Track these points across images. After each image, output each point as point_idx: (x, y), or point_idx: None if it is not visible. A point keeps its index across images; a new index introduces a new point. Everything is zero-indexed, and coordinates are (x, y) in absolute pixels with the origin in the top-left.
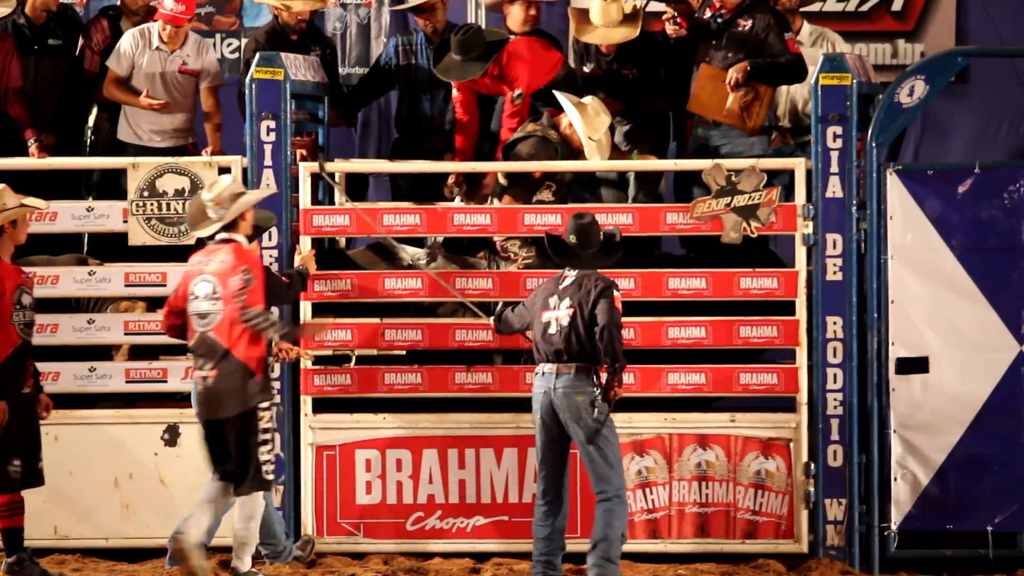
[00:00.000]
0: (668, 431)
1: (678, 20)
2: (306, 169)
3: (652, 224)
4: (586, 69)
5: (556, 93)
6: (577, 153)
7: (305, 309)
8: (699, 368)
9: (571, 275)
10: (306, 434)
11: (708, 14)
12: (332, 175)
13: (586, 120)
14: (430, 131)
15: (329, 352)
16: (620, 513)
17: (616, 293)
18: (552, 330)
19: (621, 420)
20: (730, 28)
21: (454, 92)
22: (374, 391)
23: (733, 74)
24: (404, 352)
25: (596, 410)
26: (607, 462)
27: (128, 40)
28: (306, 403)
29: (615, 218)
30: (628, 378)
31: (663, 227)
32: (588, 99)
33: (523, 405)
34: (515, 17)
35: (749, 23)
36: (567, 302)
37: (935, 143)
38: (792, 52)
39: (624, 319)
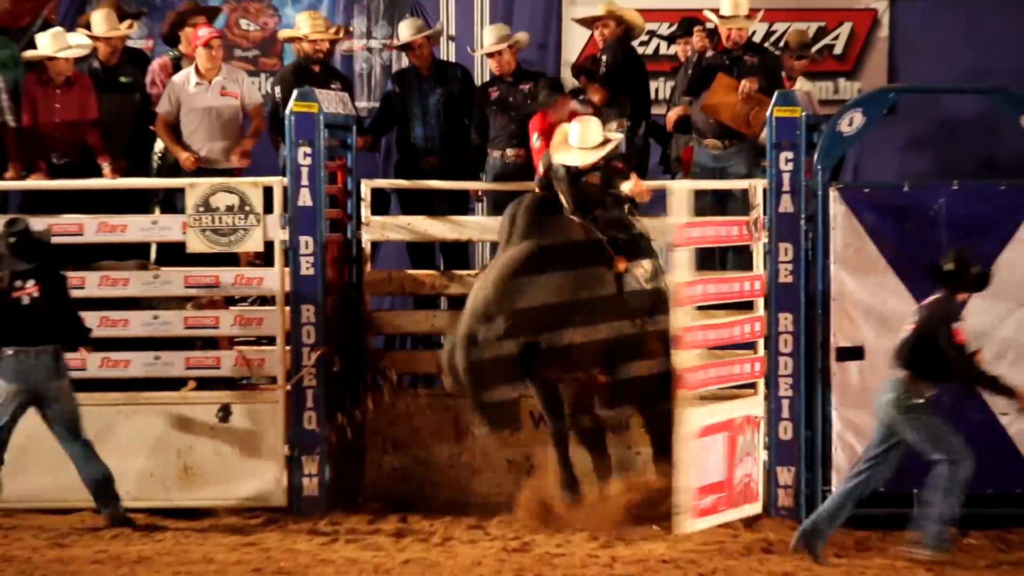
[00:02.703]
0: None
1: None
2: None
3: None
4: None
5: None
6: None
7: None
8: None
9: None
10: None
11: (710, 53)
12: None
13: (563, 151)
14: (424, 152)
15: None
16: None
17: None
18: None
19: None
20: (738, 64)
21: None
22: None
23: (746, 83)
24: None
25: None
26: None
27: (171, 85)
28: None
29: None
30: None
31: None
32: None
33: None
34: None
35: (756, 58)
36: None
37: (871, 165)
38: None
39: None
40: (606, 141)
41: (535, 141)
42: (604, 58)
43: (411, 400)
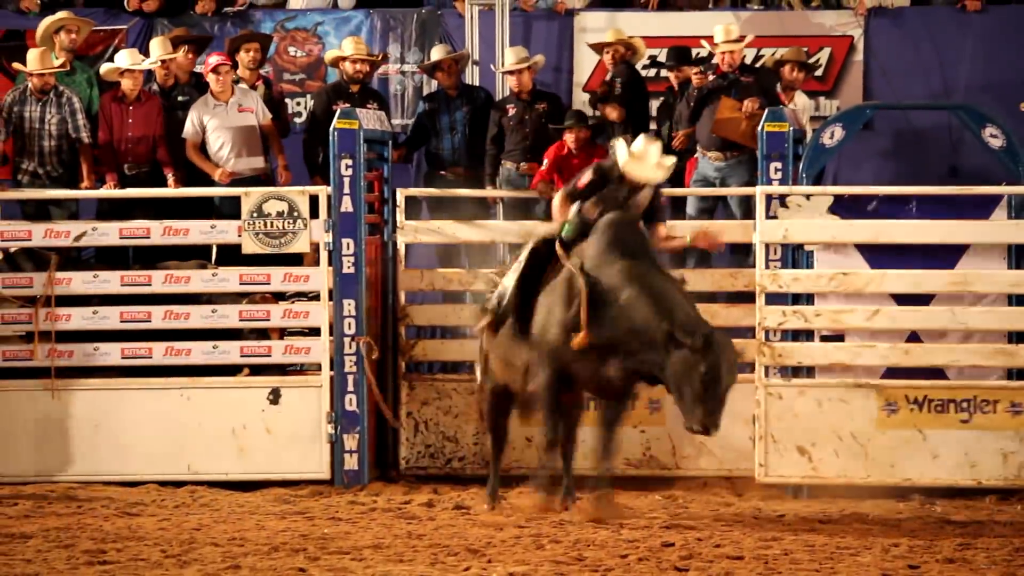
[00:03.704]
0: None
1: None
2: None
3: None
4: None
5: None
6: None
7: None
8: None
9: None
10: None
11: (712, 76)
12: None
13: (634, 163)
14: (451, 163)
15: None
16: None
17: None
18: None
19: None
20: (736, 85)
21: None
22: None
23: (749, 104)
24: None
25: None
26: None
27: (193, 113)
28: None
29: None
30: None
31: None
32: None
33: None
34: None
35: (752, 78)
36: None
37: (849, 173)
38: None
39: None
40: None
41: (544, 165)
42: (618, 80)
43: (440, 384)
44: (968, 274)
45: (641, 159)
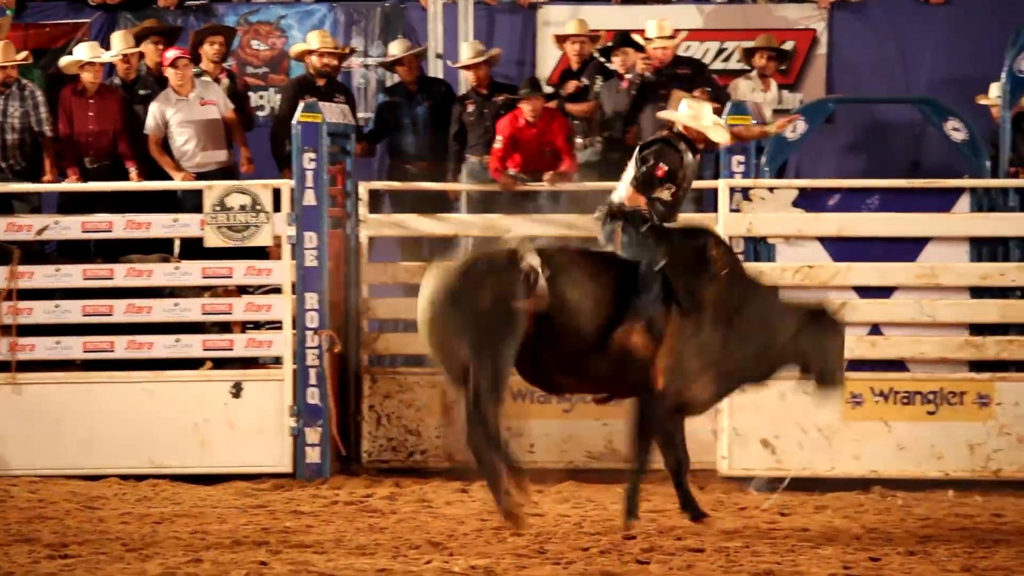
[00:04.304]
0: None
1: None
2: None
3: None
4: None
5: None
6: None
7: None
8: None
9: None
10: None
11: (647, 72)
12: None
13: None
14: (414, 157)
15: None
16: None
17: None
18: None
19: None
20: (675, 79)
21: None
22: None
23: (699, 94)
24: None
25: None
26: None
27: (155, 107)
28: None
29: None
30: None
31: None
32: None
33: None
34: None
35: (688, 70)
36: None
37: (811, 167)
38: (720, 84)
39: None
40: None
41: (497, 143)
42: (599, 77)
43: (403, 378)
44: (935, 267)
45: (699, 119)
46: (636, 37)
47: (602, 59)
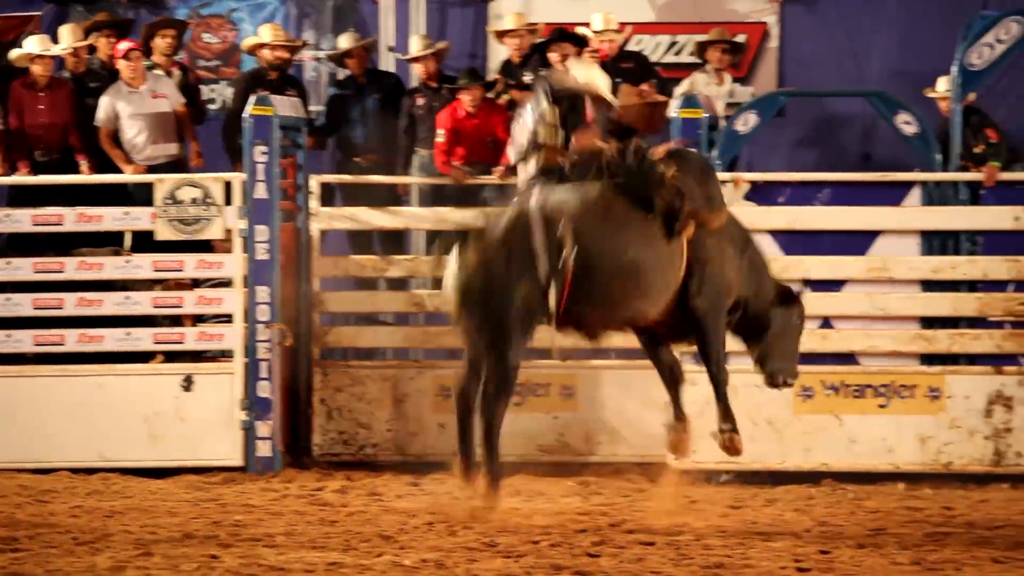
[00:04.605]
0: None
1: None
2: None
3: None
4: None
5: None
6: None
7: None
8: None
9: None
10: None
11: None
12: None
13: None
14: (364, 150)
15: None
16: None
17: None
18: None
19: None
20: (620, 73)
21: None
22: None
23: (646, 87)
24: None
25: None
26: None
27: (106, 99)
28: None
29: None
30: None
31: None
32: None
33: None
34: None
35: (632, 63)
36: None
37: (762, 160)
38: (670, 78)
39: None
40: None
41: (439, 136)
42: (534, 70)
43: (354, 371)
44: (887, 259)
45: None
46: (584, 30)
47: (537, 54)
